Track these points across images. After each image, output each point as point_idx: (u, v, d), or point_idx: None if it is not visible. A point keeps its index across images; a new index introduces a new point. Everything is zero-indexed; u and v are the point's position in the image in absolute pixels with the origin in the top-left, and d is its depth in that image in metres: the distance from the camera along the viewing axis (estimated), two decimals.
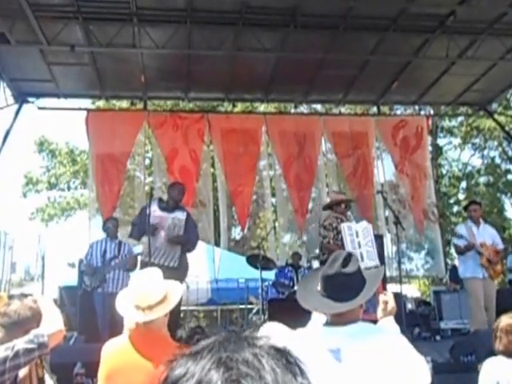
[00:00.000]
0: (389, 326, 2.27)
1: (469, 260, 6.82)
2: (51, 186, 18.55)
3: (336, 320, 2.20)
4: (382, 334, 2.18)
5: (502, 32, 8.16)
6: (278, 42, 8.09)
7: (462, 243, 6.84)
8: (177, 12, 7.60)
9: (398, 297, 3.88)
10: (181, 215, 6.33)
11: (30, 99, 9.52)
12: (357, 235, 5.98)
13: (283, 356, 0.73)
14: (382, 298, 2.34)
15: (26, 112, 9.79)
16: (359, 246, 5.93)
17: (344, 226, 6.06)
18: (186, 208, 7.03)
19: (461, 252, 6.90)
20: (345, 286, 2.17)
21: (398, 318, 2.53)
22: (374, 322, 2.33)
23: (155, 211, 6.13)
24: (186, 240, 6.30)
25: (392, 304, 2.33)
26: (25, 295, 2.74)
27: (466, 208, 7.53)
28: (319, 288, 2.23)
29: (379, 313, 2.32)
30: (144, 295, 2.56)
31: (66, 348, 5.60)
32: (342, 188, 10.62)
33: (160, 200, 6.42)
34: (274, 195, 11.24)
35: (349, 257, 2.25)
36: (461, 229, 7.06)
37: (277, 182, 10.69)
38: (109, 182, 9.29)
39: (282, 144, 9.94)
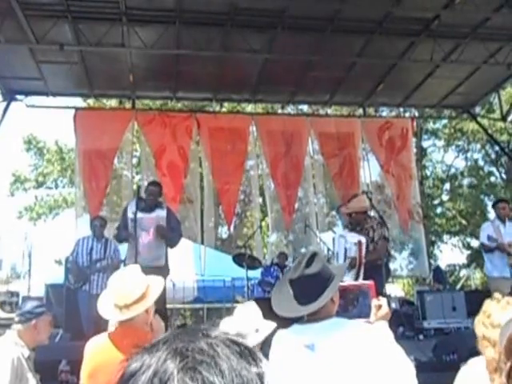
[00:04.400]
0: (381, 330, 2.27)
1: (496, 259, 6.74)
2: (39, 185, 18.45)
3: (310, 317, 2.25)
4: (357, 326, 2.21)
5: (486, 36, 8.33)
6: (266, 44, 8.17)
7: (490, 243, 6.71)
8: (166, 12, 7.64)
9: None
10: (161, 213, 6.39)
11: (19, 97, 9.51)
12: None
13: (238, 346, 0.74)
14: (374, 302, 2.35)
15: (15, 110, 9.79)
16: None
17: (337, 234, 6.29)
18: (169, 205, 7.10)
19: (489, 250, 6.81)
20: (309, 288, 2.21)
21: None
22: None
23: (135, 213, 6.16)
24: (170, 235, 6.37)
25: (385, 309, 2.33)
26: None
27: (494, 205, 7.31)
28: (290, 290, 2.28)
29: (372, 317, 2.32)
30: (122, 294, 2.57)
31: (51, 345, 5.58)
32: (329, 188, 10.74)
33: (138, 200, 6.39)
34: (261, 194, 11.33)
35: (313, 256, 2.29)
36: (488, 228, 6.89)
37: (264, 181, 10.77)
38: (96, 178, 9.31)
39: (269, 143, 10.03)
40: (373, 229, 6.30)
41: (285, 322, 2.38)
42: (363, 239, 6.05)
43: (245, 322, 2.54)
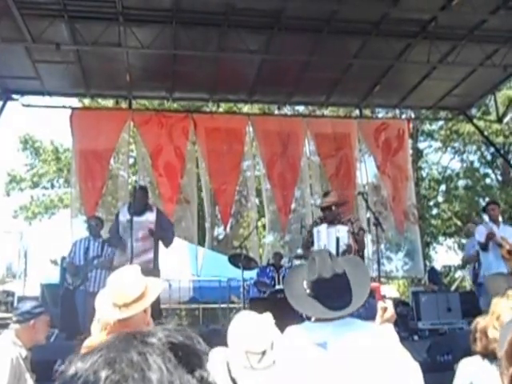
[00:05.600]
0: (388, 333, 2.27)
1: (490, 255, 6.76)
2: (35, 185, 18.39)
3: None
4: (369, 327, 2.22)
5: (482, 38, 8.35)
6: (263, 44, 8.18)
7: (482, 237, 6.77)
8: (162, 12, 7.64)
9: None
10: (151, 216, 6.42)
11: (15, 96, 9.49)
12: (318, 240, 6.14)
13: (178, 351, 0.72)
14: (380, 305, 2.35)
15: (11, 109, 9.77)
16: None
17: (315, 230, 6.21)
18: (166, 205, 7.09)
19: (483, 246, 6.83)
20: (337, 290, 2.19)
21: None
22: None
23: (126, 217, 6.22)
24: (163, 236, 6.43)
25: (391, 312, 2.33)
26: None
27: (484, 209, 7.46)
28: (308, 290, 2.25)
29: (377, 319, 2.33)
30: (121, 292, 2.56)
31: (47, 345, 5.58)
32: (325, 189, 10.76)
33: (130, 205, 6.46)
34: (257, 195, 11.33)
35: (331, 254, 2.29)
36: (481, 229, 6.94)
37: (261, 182, 10.77)
38: (92, 178, 9.30)
39: (265, 143, 10.05)
40: (351, 221, 6.33)
41: (286, 322, 2.38)
42: (350, 229, 6.12)
43: (254, 342, 2.45)
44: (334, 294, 2.18)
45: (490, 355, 2.25)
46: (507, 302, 2.16)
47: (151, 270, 6.12)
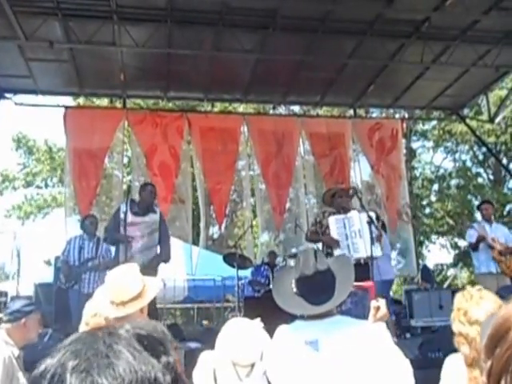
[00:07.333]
0: (380, 331, 2.30)
1: (481, 255, 6.89)
2: (28, 184, 18.29)
3: (313, 314, 2.27)
4: (360, 324, 2.25)
5: (475, 39, 8.40)
6: (258, 44, 8.18)
7: (473, 238, 6.93)
8: (157, 11, 7.63)
9: None
10: (154, 216, 6.30)
11: (7, 95, 9.44)
12: (344, 227, 5.85)
13: (144, 340, 0.74)
14: (373, 304, 2.38)
15: (3, 108, 9.71)
16: (346, 238, 5.80)
17: (331, 220, 5.91)
18: (160, 205, 7.01)
19: (474, 247, 6.99)
20: (320, 286, 2.23)
21: None
22: None
23: (128, 217, 6.00)
24: (162, 258, 6.34)
25: (384, 311, 2.36)
26: None
27: (478, 207, 7.67)
28: (294, 288, 2.28)
29: (370, 318, 2.36)
30: (118, 290, 2.57)
31: (41, 345, 5.58)
32: (319, 188, 10.80)
33: (132, 202, 6.28)
34: (252, 195, 11.34)
35: (317, 253, 2.32)
36: (473, 228, 7.11)
37: (255, 182, 10.79)
38: (86, 177, 9.26)
39: (260, 142, 10.06)
40: (358, 212, 6.19)
41: (280, 321, 2.39)
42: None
43: (243, 355, 2.41)
44: (316, 289, 2.22)
45: None
46: (471, 299, 2.24)
47: (154, 266, 6.08)
